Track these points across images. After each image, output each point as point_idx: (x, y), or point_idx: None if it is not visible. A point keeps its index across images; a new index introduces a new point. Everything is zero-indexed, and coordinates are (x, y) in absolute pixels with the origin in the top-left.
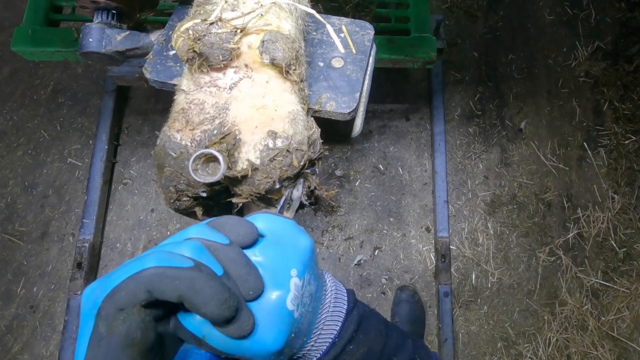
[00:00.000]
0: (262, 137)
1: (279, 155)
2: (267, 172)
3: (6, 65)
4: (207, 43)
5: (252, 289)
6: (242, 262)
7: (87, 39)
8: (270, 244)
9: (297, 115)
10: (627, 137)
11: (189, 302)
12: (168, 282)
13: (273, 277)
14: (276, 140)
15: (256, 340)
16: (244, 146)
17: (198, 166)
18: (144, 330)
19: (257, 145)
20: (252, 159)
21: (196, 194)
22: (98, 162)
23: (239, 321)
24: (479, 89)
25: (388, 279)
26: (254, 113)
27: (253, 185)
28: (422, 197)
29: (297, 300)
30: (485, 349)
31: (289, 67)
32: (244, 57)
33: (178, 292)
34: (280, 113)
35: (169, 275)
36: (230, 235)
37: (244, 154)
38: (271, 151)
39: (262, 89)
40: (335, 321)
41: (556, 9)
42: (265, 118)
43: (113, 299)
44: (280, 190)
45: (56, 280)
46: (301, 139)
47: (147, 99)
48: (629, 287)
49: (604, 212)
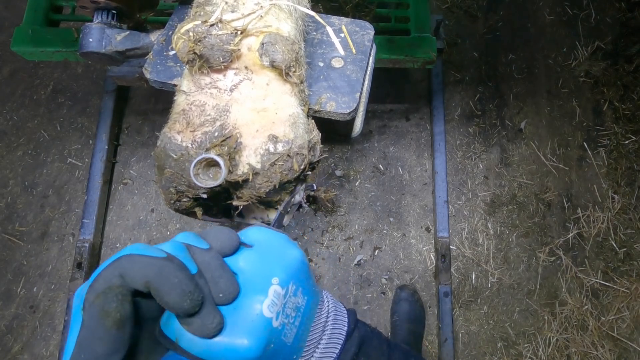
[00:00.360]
0: (263, 141)
1: (280, 159)
2: (267, 176)
3: (6, 65)
4: (208, 45)
5: (222, 292)
6: (216, 265)
7: (87, 39)
8: (256, 253)
9: (298, 119)
10: (627, 137)
11: (155, 288)
12: (138, 267)
13: (251, 283)
14: (277, 145)
15: (229, 345)
16: (244, 150)
17: (199, 170)
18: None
19: (258, 150)
20: (253, 163)
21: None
22: (98, 162)
23: (202, 318)
24: (479, 89)
25: (388, 279)
26: (254, 116)
27: (254, 189)
28: (422, 197)
29: (276, 308)
30: (485, 349)
31: (289, 69)
32: (244, 58)
33: (146, 278)
34: (281, 116)
35: (140, 261)
36: (212, 242)
37: (245, 157)
38: (272, 156)
39: (262, 91)
40: (334, 343)
41: (556, 9)
42: (266, 121)
43: (93, 287)
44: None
45: (56, 280)
46: (302, 143)
47: (147, 99)
48: (629, 287)
49: (604, 212)
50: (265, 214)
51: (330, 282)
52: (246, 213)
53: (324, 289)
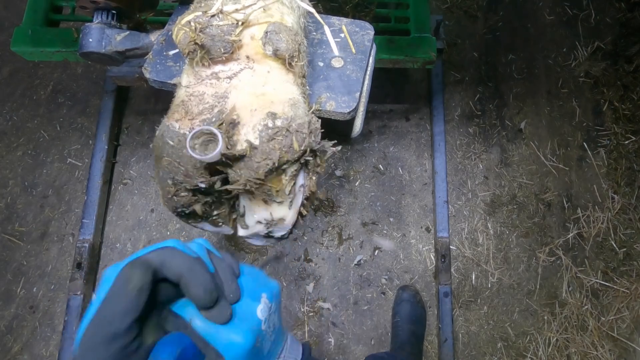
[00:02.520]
0: (261, 117)
1: (279, 134)
2: (266, 152)
3: (6, 65)
4: (209, 35)
5: (232, 293)
6: (229, 271)
7: (87, 39)
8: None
9: (298, 102)
10: (627, 137)
11: (185, 281)
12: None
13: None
14: (275, 120)
15: (229, 333)
16: (242, 128)
17: (196, 145)
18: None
19: (256, 126)
20: (251, 139)
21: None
22: (98, 162)
23: (219, 308)
24: (478, 89)
25: (388, 279)
26: (253, 99)
27: (252, 169)
28: (422, 197)
29: (265, 314)
30: (485, 349)
31: (292, 59)
32: (245, 48)
33: (180, 271)
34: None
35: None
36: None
37: (243, 135)
38: (270, 130)
39: (262, 78)
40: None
41: (556, 9)
42: (265, 102)
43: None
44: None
45: (56, 280)
46: (302, 123)
47: (147, 99)
48: (629, 287)
49: (604, 212)
50: (268, 212)
51: (330, 282)
52: (247, 212)
53: (324, 289)
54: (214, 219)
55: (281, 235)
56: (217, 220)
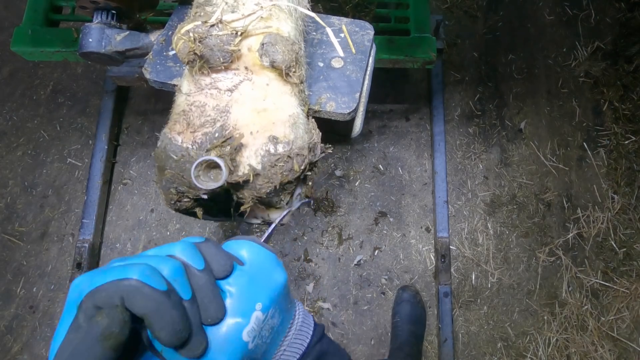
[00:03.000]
0: (263, 142)
1: (281, 160)
2: (268, 177)
3: (6, 65)
4: (208, 45)
5: (210, 317)
6: (209, 289)
7: (87, 39)
8: (245, 275)
9: (298, 119)
10: (627, 137)
11: (149, 322)
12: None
13: (238, 307)
14: (277, 146)
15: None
16: (245, 150)
17: (200, 172)
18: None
19: (258, 151)
20: (253, 164)
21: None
22: (98, 162)
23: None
24: (478, 89)
25: (388, 279)
26: (254, 117)
27: (254, 190)
28: (422, 197)
29: (254, 332)
30: (485, 349)
31: (289, 70)
32: (244, 59)
33: (144, 310)
34: (281, 117)
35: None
36: (209, 261)
37: (246, 158)
38: (273, 157)
39: (262, 91)
40: (294, 352)
41: (556, 9)
42: (266, 122)
43: (94, 296)
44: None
45: (56, 280)
46: (302, 144)
47: (147, 99)
48: (628, 287)
49: (604, 212)
50: (266, 214)
51: (330, 282)
52: (247, 212)
53: (324, 289)
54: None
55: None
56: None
